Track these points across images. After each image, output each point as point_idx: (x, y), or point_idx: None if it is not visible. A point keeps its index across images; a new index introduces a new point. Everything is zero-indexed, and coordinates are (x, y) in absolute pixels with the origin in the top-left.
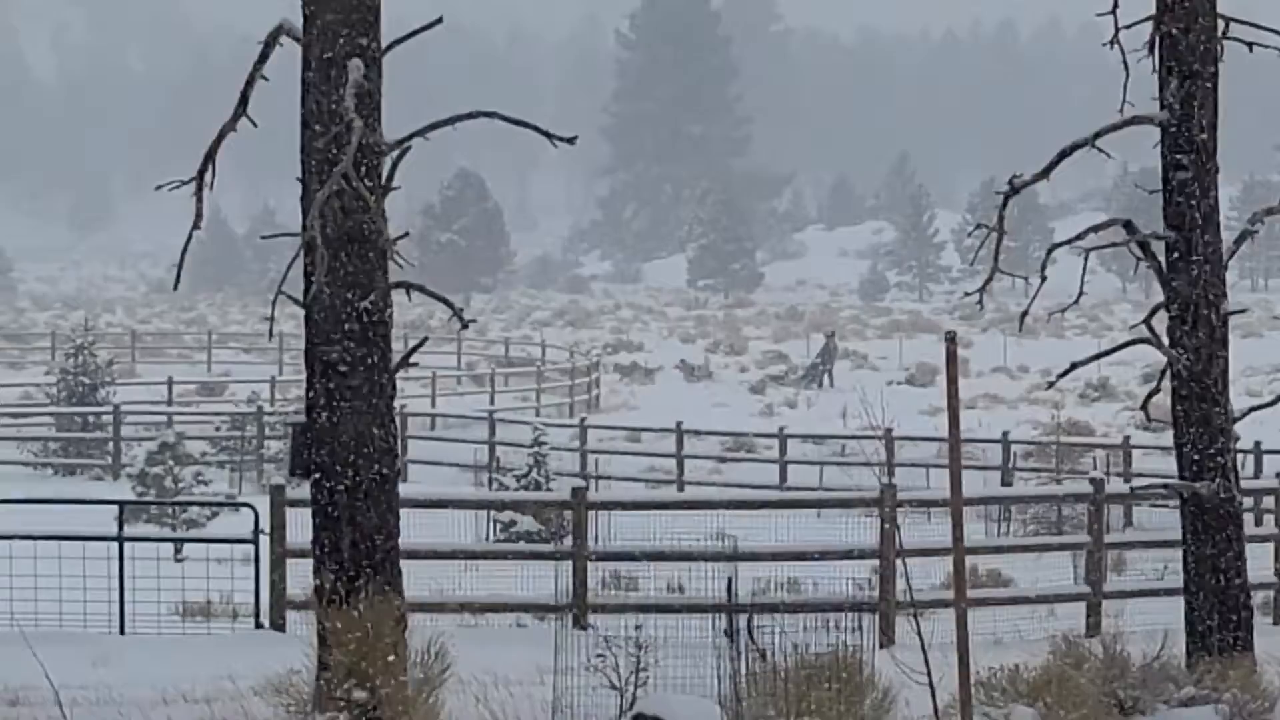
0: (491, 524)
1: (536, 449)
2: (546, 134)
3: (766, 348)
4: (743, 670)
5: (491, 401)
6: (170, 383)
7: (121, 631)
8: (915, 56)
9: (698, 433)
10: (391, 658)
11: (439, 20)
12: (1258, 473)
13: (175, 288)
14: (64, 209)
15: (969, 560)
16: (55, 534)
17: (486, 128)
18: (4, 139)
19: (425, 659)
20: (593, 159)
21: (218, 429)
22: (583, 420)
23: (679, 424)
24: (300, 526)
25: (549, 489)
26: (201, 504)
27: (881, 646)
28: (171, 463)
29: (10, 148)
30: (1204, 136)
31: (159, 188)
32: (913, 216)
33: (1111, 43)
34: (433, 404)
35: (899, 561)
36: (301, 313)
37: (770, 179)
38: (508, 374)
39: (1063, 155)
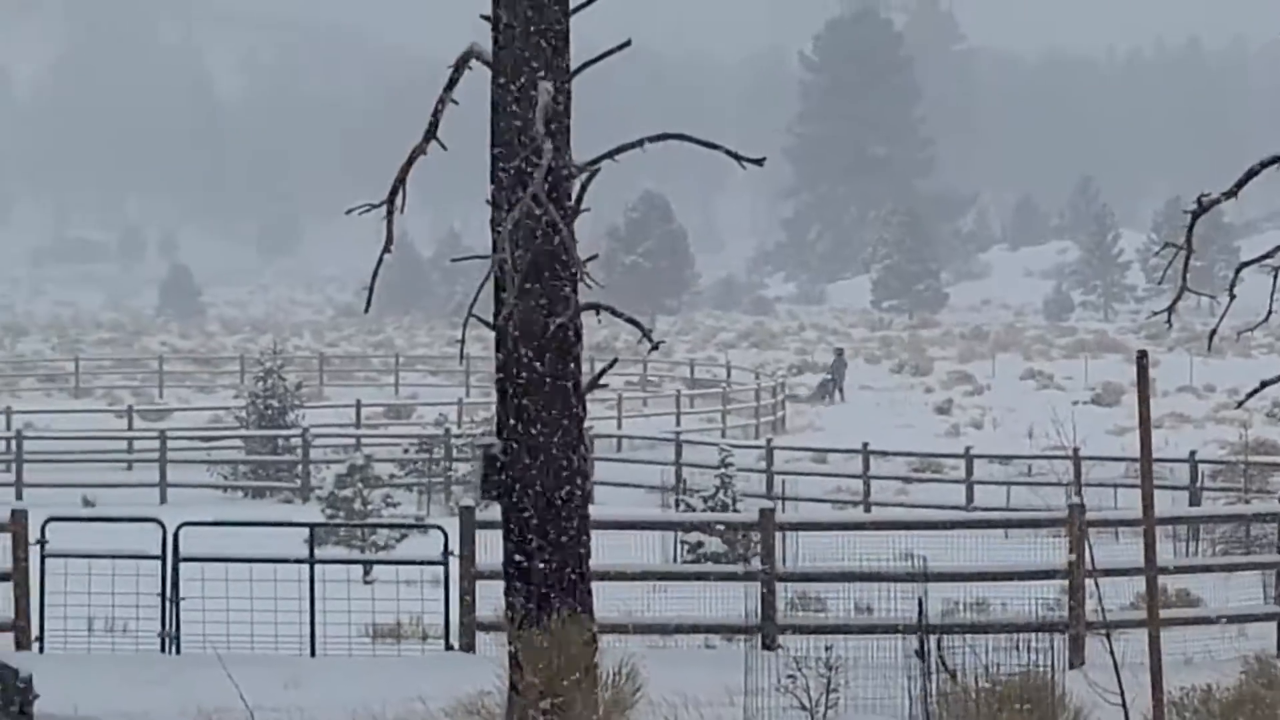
0: (679, 545)
1: (723, 470)
2: (735, 155)
3: (952, 368)
4: (933, 691)
5: (678, 423)
6: (358, 405)
7: (312, 653)
8: (1099, 76)
9: (884, 453)
10: (583, 679)
11: (627, 43)
12: None
13: (366, 310)
14: (252, 233)
15: (1158, 580)
16: (247, 556)
17: (671, 150)
18: (193, 164)
19: (616, 680)
20: (777, 181)
21: (406, 451)
22: (769, 441)
23: (865, 445)
24: (489, 548)
25: (736, 510)
26: (391, 526)
27: (1072, 667)
28: (360, 485)
29: (199, 173)
30: None
31: (349, 211)
32: (1097, 235)
33: None
34: (619, 425)
35: (1089, 581)
36: (488, 335)
37: (954, 199)
38: (693, 395)
39: (1251, 174)
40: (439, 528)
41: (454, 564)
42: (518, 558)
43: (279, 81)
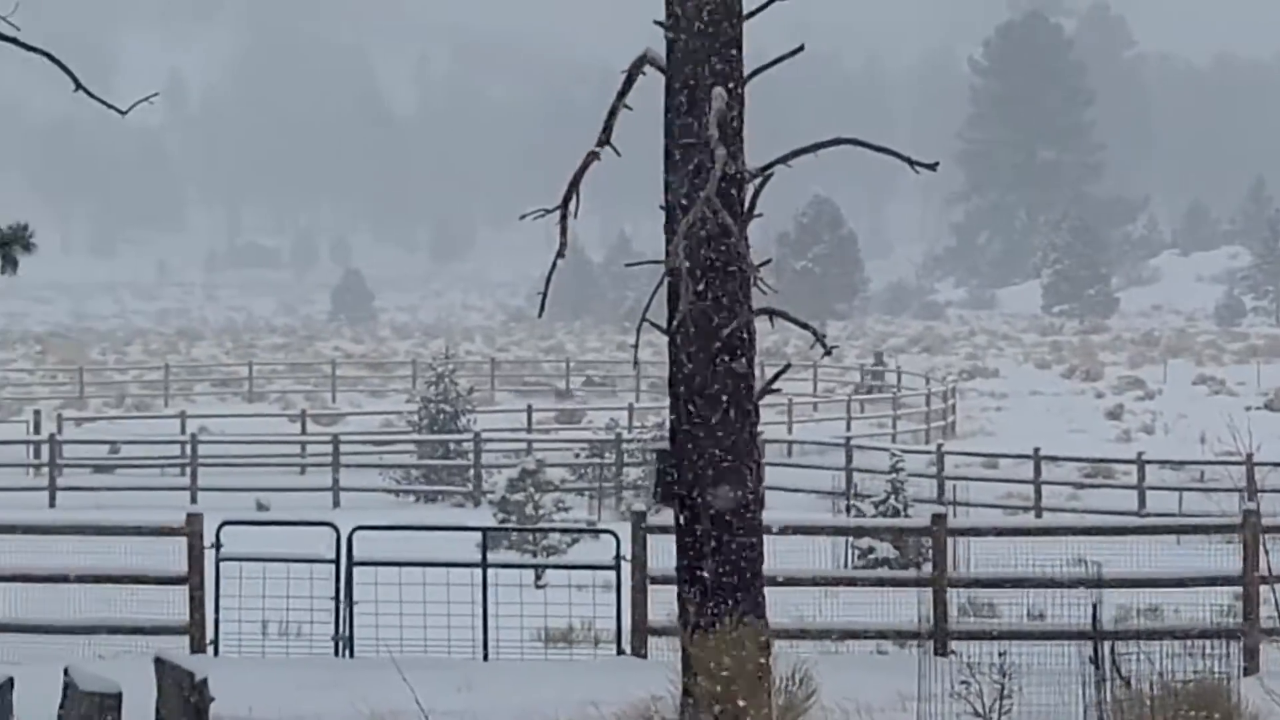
0: (850, 550)
1: (894, 475)
2: (908, 160)
3: (1123, 373)
4: (1108, 698)
5: (848, 428)
6: (529, 410)
7: (484, 657)
8: (1270, 78)
9: (1055, 459)
10: (756, 684)
11: (800, 48)
12: None
13: (540, 314)
14: (425, 239)
15: None
16: (420, 560)
17: (841, 155)
18: (366, 171)
19: (789, 685)
20: (946, 186)
21: (577, 456)
22: (939, 446)
23: (1036, 450)
24: (660, 553)
25: (907, 515)
26: (563, 530)
27: (1246, 674)
28: (532, 490)
29: (372, 179)
30: None
31: (523, 217)
32: (1269, 240)
33: None
34: (789, 430)
35: (1264, 588)
36: (658, 340)
37: (1125, 204)
38: (864, 400)
39: None
40: (610, 532)
41: (625, 568)
42: (691, 562)
43: (452, 89)
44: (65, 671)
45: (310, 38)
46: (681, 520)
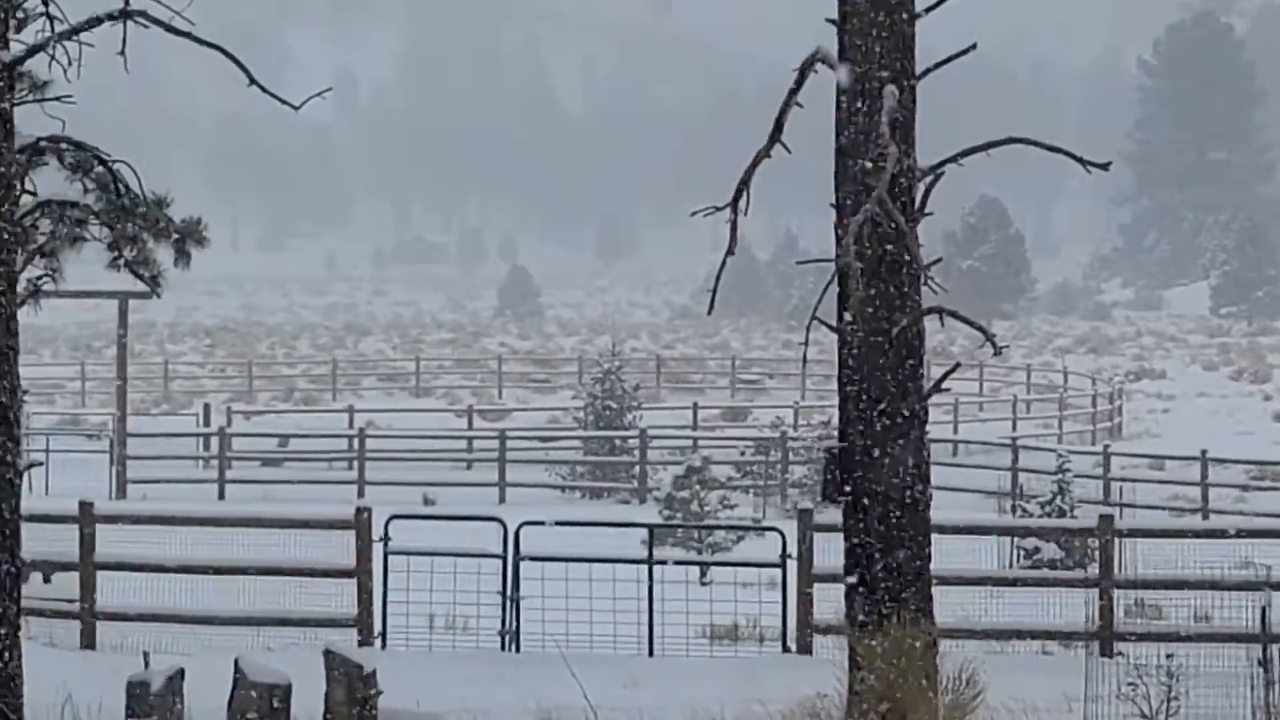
0: (1015, 551)
1: (1060, 476)
2: (1080, 159)
3: None
4: (1276, 701)
5: (1014, 428)
6: (695, 408)
7: (650, 653)
8: None
9: (1222, 461)
10: (923, 683)
11: (973, 47)
12: None
13: (710, 312)
14: (590, 236)
15: None
16: (586, 556)
17: (1008, 155)
18: (533, 168)
19: (956, 685)
20: (1114, 186)
21: (742, 454)
22: (1106, 447)
23: (1203, 452)
24: (826, 551)
25: (1073, 516)
26: (728, 528)
27: None
28: (698, 487)
29: (539, 176)
30: None
31: (694, 214)
32: None
33: None
34: (955, 430)
35: None
36: (824, 337)
37: None
38: (1030, 401)
39: None
40: (776, 530)
41: (791, 566)
42: (859, 561)
43: (617, 86)
44: (236, 662)
45: (478, 35)
46: (850, 519)
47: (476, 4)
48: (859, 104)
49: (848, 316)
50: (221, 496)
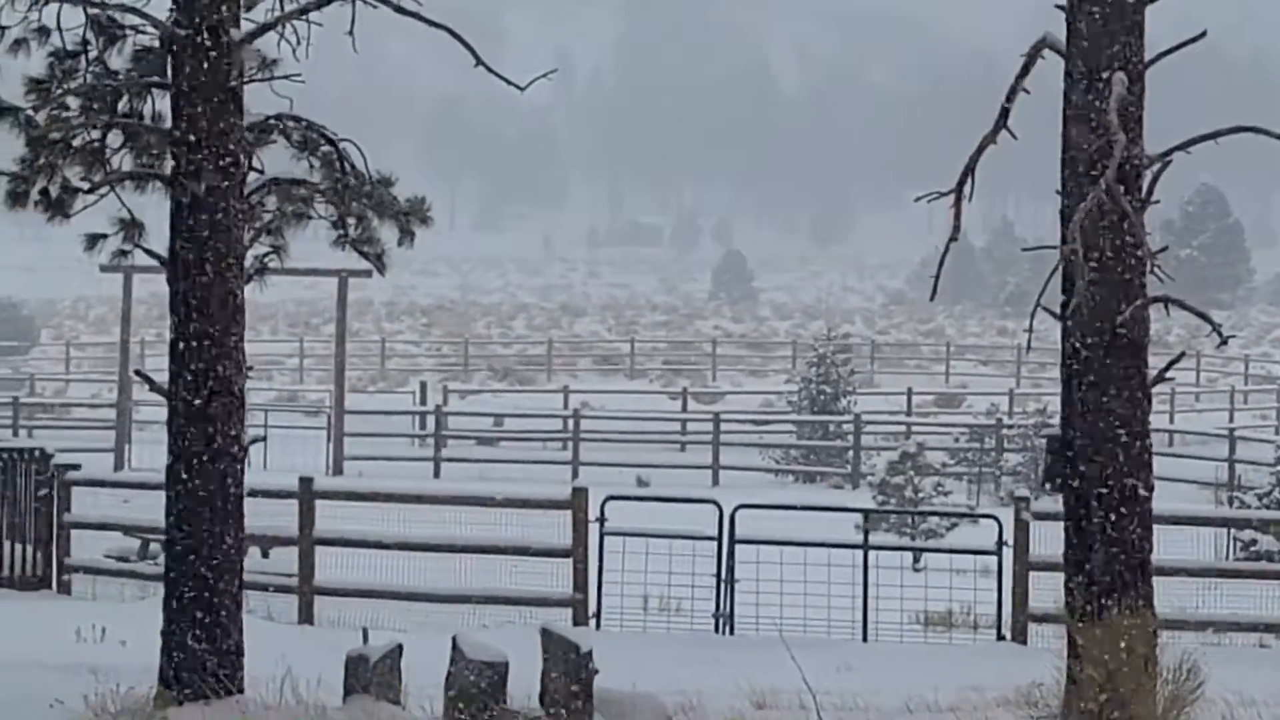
0: (1232, 542)
1: (1278, 467)
2: None
3: None
4: None
5: (1230, 419)
6: (909, 393)
7: (864, 638)
8: None
9: None
10: (1143, 674)
11: (1202, 34)
12: None
13: (932, 298)
14: (805, 220)
15: None
16: (801, 540)
17: (1229, 143)
18: (748, 151)
19: (1176, 676)
20: None
21: (956, 440)
22: None
23: None
24: (1041, 539)
25: None
26: (943, 514)
27: None
28: (912, 473)
29: (754, 160)
30: None
31: (918, 199)
32: None
33: None
34: (1171, 420)
35: None
36: (1038, 325)
37: None
38: (1247, 392)
39: None
40: (992, 517)
41: (1007, 554)
42: (1079, 550)
43: (834, 70)
44: (453, 640)
45: (695, 18)
46: (1070, 508)
47: None
48: (1087, 91)
49: (1072, 305)
50: (437, 475)
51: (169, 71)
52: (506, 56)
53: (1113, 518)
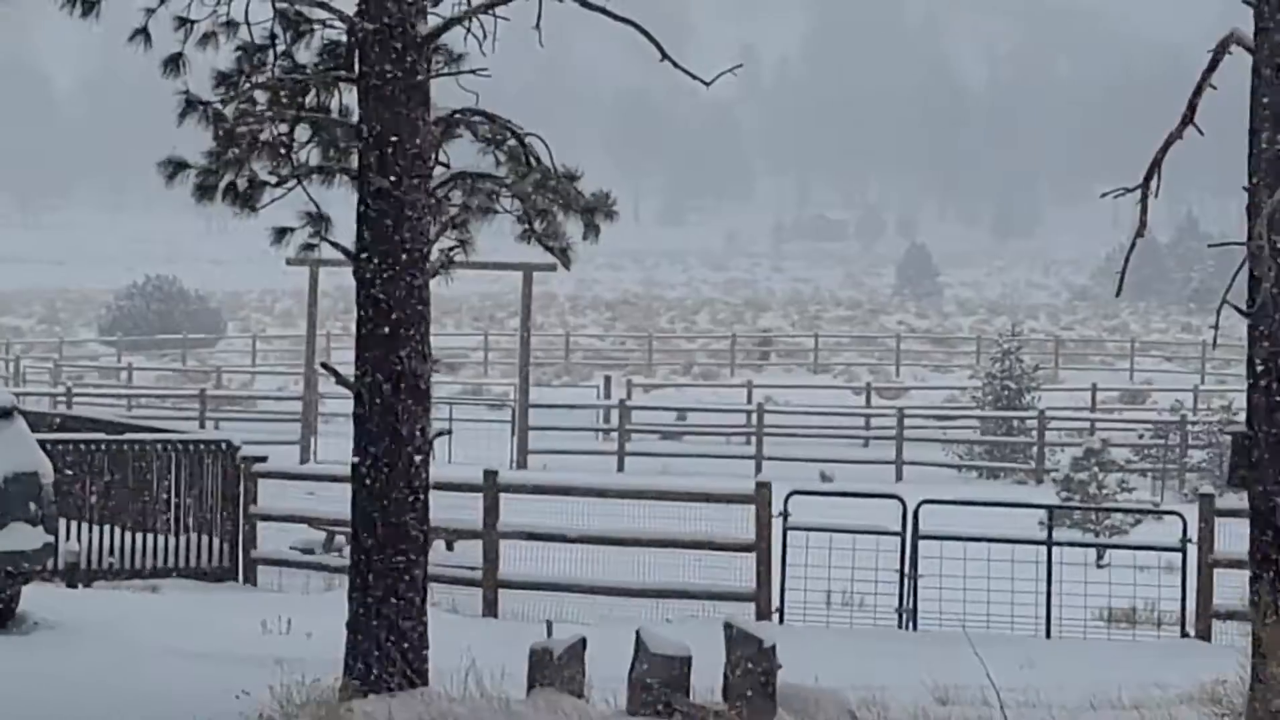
0: None
1: None
2: None
3: None
4: None
5: None
6: (1093, 389)
7: (1047, 635)
8: None
9: None
10: None
11: None
12: None
13: (1118, 293)
14: (988, 216)
15: None
16: (983, 536)
17: None
18: (933, 146)
19: None
20: None
21: (1140, 437)
22: None
23: None
24: (1226, 536)
25: None
26: (1127, 511)
27: None
28: (1096, 469)
29: (940, 154)
30: None
31: (1104, 195)
32: None
33: None
34: None
35: None
36: (1224, 321)
37: None
38: None
39: None
40: (1176, 514)
41: (1191, 551)
42: (1265, 547)
43: (1019, 64)
44: (637, 634)
45: (881, 12)
46: (1255, 504)
47: None
48: (1275, 86)
49: (1259, 301)
50: (620, 469)
51: (356, 66)
52: (692, 51)
53: None
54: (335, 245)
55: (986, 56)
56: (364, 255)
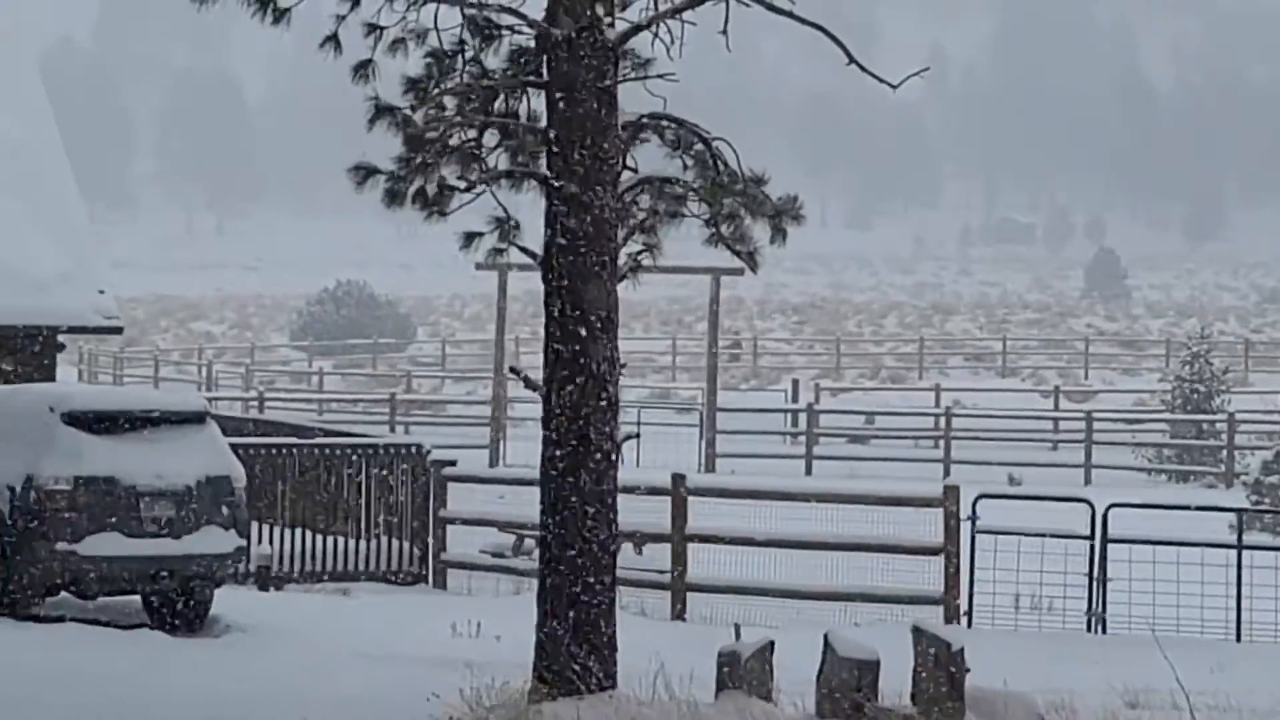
0: None
1: None
2: None
3: None
4: None
5: None
6: None
7: (1238, 639)
8: None
9: None
10: None
11: None
12: None
13: None
14: (1178, 218)
15: None
16: (1173, 540)
17: None
18: (1123, 148)
19: None
20: None
21: None
22: None
23: None
24: None
25: None
26: None
27: None
28: None
29: (1128, 157)
30: None
31: None
32: None
33: None
34: None
35: None
36: None
37: None
38: None
39: None
40: None
41: None
42: None
43: (1210, 67)
44: (825, 637)
45: (1070, 14)
46: None
47: None
48: None
49: None
50: (808, 472)
51: (544, 71)
52: (878, 53)
53: None
54: (524, 250)
55: (1175, 57)
56: (552, 259)
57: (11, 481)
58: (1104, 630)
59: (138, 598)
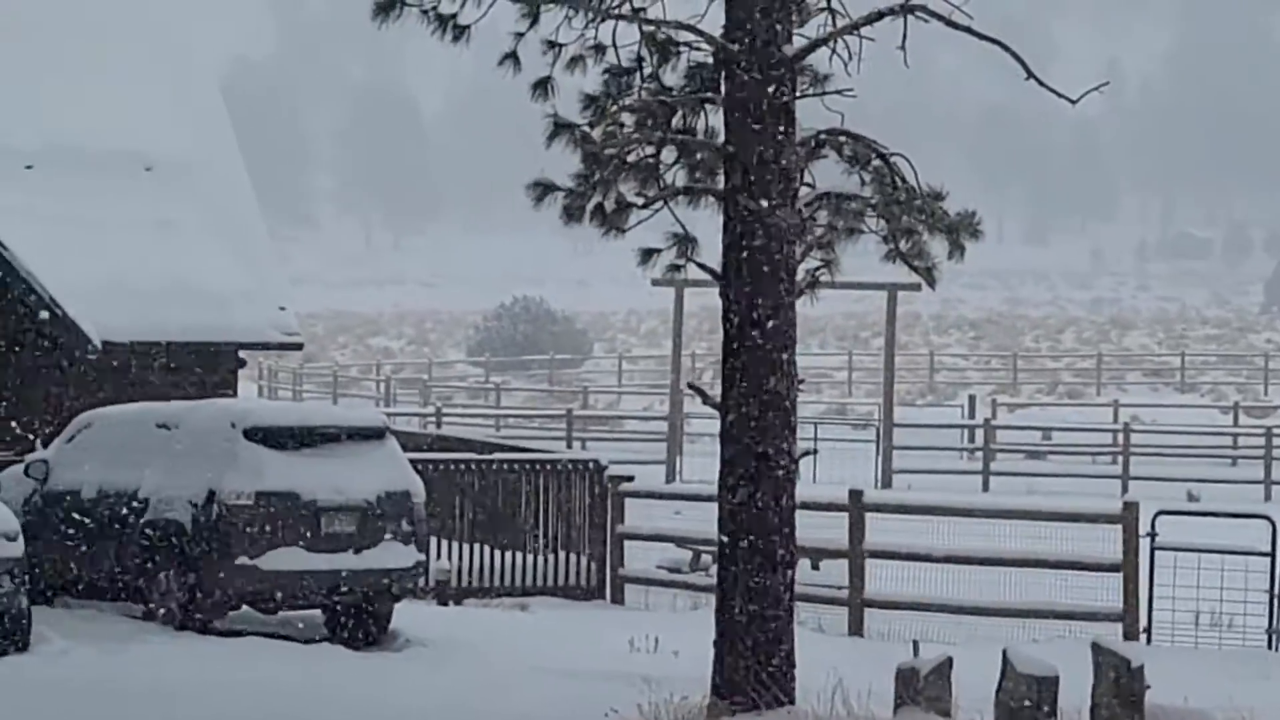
0: None
1: None
2: None
3: None
4: None
5: None
6: None
7: None
8: None
9: None
10: None
11: None
12: None
13: None
14: None
15: None
16: None
17: None
18: None
19: None
20: None
21: None
22: None
23: None
24: None
25: None
26: None
27: None
28: None
29: None
30: None
31: None
32: None
33: None
34: None
35: None
36: None
37: None
38: None
39: None
40: None
41: None
42: None
43: None
44: (1004, 653)
45: (1250, 27)
46: None
47: None
48: None
49: None
50: (985, 488)
51: (722, 87)
52: (1056, 68)
53: None
54: (702, 266)
55: None
56: (730, 276)
57: (194, 497)
58: None
59: (318, 612)
